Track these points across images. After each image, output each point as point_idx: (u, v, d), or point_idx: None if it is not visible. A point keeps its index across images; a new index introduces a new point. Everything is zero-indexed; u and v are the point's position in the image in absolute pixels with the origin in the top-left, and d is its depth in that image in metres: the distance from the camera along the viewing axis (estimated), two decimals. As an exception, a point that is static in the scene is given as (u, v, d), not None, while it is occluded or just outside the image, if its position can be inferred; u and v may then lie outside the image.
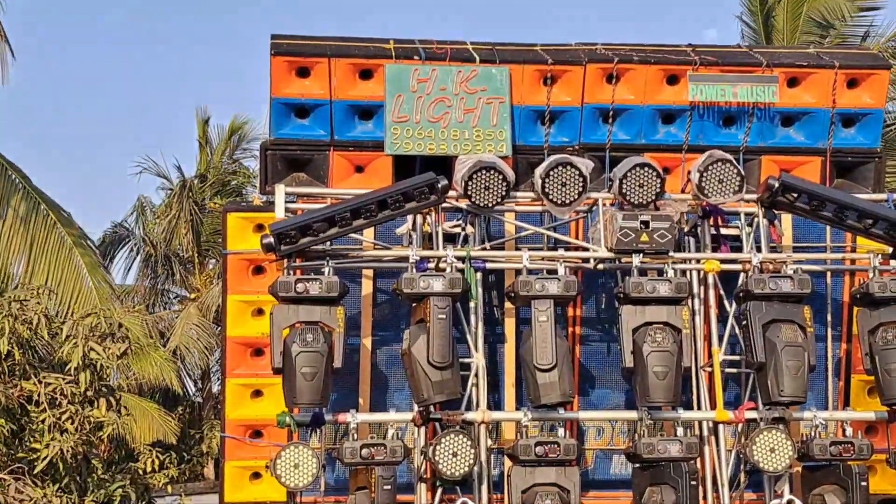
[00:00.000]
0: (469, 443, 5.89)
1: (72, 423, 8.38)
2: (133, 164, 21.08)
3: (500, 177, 6.18)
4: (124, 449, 9.56)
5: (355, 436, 5.98)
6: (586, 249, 6.53)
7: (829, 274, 6.82)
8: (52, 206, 11.73)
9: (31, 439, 8.66)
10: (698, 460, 6.23)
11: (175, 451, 14.72)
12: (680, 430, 6.16)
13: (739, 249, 6.55)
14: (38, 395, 8.64)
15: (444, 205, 6.36)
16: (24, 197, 11.20)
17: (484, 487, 6.10)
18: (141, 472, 9.89)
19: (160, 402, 15.59)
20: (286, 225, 5.95)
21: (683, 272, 6.39)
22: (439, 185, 6.09)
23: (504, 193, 6.22)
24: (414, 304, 6.18)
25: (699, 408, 6.41)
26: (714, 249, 6.59)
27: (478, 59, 6.66)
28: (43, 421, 8.56)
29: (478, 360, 6.21)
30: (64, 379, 8.70)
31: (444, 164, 6.51)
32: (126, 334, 9.50)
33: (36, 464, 8.49)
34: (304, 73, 6.49)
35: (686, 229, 6.62)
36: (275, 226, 5.95)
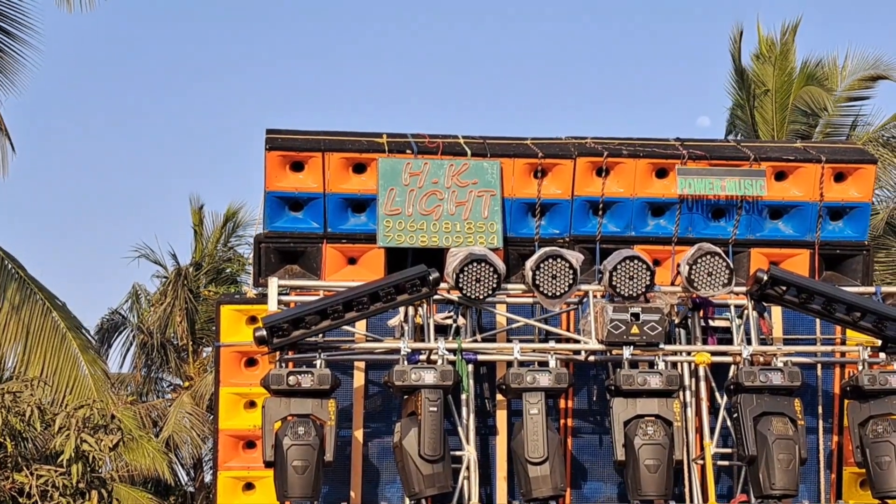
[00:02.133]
0: None
1: None
2: (130, 250, 20.91)
3: (491, 269, 6.12)
4: None
5: None
6: (577, 342, 6.47)
7: (819, 366, 6.74)
8: (46, 294, 11.71)
9: None
10: None
11: None
12: None
13: (730, 342, 6.48)
14: (30, 488, 8.50)
15: (436, 297, 6.29)
16: (20, 286, 11.10)
17: None
18: None
19: (153, 492, 15.20)
20: (278, 318, 5.90)
21: (674, 364, 6.33)
22: (430, 278, 6.03)
23: (495, 286, 6.16)
24: (405, 397, 6.06)
25: (691, 501, 6.25)
26: (704, 342, 6.51)
27: (469, 152, 6.64)
28: None
29: (469, 452, 6.09)
30: (56, 471, 8.64)
31: (435, 257, 6.45)
32: (119, 425, 9.40)
33: None
34: (298, 167, 6.49)
35: (676, 321, 6.57)
36: (267, 319, 5.89)
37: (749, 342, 6.34)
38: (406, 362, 6.00)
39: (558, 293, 6.16)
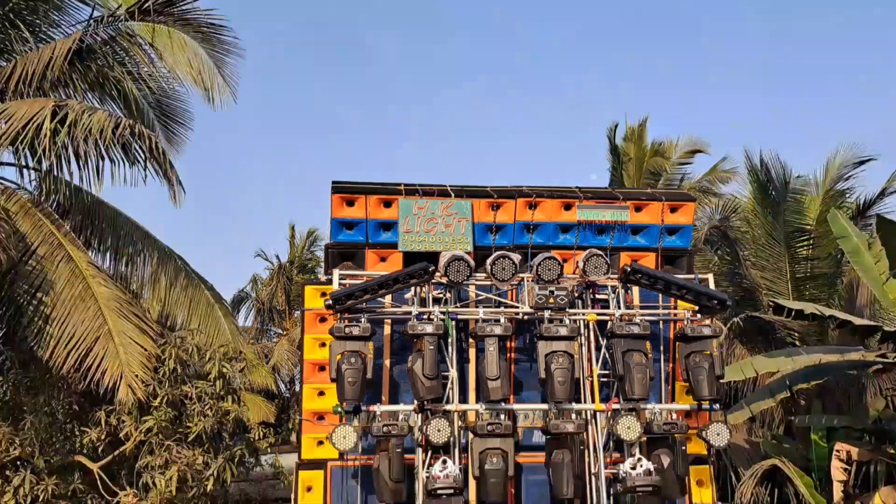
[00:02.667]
0: (447, 423, 6.86)
1: (211, 411, 9.76)
2: (252, 254, 28.37)
3: (466, 264, 7.22)
4: (242, 426, 10.90)
5: (379, 419, 6.93)
6: (517, 307, 7.51)
7: (661, 322, 7.85)
8: (201, 279, 12.88)
9: (187, 420, 9.87)
10: (585, 434, 7.24)
11: (273, 428, 16.06)
12: (574, 416, 7.18)
13: (608, 307, 7.61)
14: (191, 394, 9.95)
15: (433, 281, 7.30)
16: (186, 274, 12.42)
17: (456, 450, 7.01)
18: (252, 440, 10.86)
19: (264, 397, 18.02)
20: (339, 293, 7.02)
21: (575, 321, 7.41)
22: (430, 270, 7.13)
23: (468, 274, 7.21)
24: (415, 340, 7.10)
25: (585, 402, 7.35)
26: (592, 307, 7.65)
27: (453, 195, 7.81)
28: (193, 409, 9.87)
29: (452, 373, 7.19)
30: (206, 384, 10.03)
31: (433, 257, 7.48)
32: (244, 357, 10.87)
33: (189, 435, 9.76)
34: (350, 203, 7.66)
35: (576, 295, 7.64)
36: (333, 294, 7.04)
37: (619, 307, 7.57)
38: (415, 319, 7.10)
39: (506, 278, 7.33)
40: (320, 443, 7.42)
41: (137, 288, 12.28)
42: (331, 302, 7.01)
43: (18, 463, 10.08)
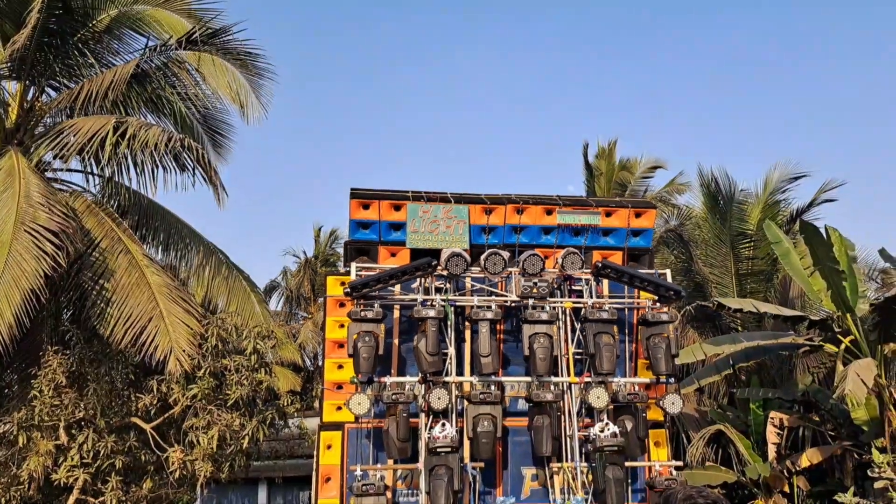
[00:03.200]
0: (446, 392, 7.00)
1: (246, 381, 9.77)
2: (283, 250, 30.33)
3: (463, 260, 7.33)
4: (273, 394, 10.86)
5: (389, 389, 7.03)
6: (506, 296, 7.61)
7: (626, 309, 7.96)
8: (239, 270, 12.93)
9: (226, 389, 9.88)
10: (562, 402, 7.38)
11: (299, 395, 16.50)
12: (552, 387, 7.29)
13: (581, 296, 7.74)
14: (230, 366, 9.92)
15: (435, 273, 7.41)
16: (227, 266, 12.47)
17: (454, 415, 7.14)
18: (281, 406, 10.85)
19: (292, 370, 18.10)
20: (356, 283, 7.19)
21: (554, 308, 7.53)
22: (433, 264, 7.26)
23: (465, 268, 7.33)
24: (419, 322, 7.21)
25: (562, 375, 7.48)
26: (569, 296, 7.77)
27: (452, 201, 7.87)
28: (232, 379, 9.82)
29: (451, 351, 7.31)
30: (243, 358, 10.01)
31: (436, 253, 7.59)
32: (275, 336, 10.83)
33: (228, 401, 9.78)
34: (366, 207, 7.73)
35: (555, 286, 7.74)
36: (350, 283, 7.20)
37: (591, 297, 7.72)
38: (420, 305, 7.22)
39: (497, 272, 7.48)
40: (339, 408, 7.47)
41: (185, 277, 12.29)
42: (349, 290, 7.14)
43: (83, 423, 10.17)
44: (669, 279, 8.09)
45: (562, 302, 7.66)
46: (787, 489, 13.41)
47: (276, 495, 18.52)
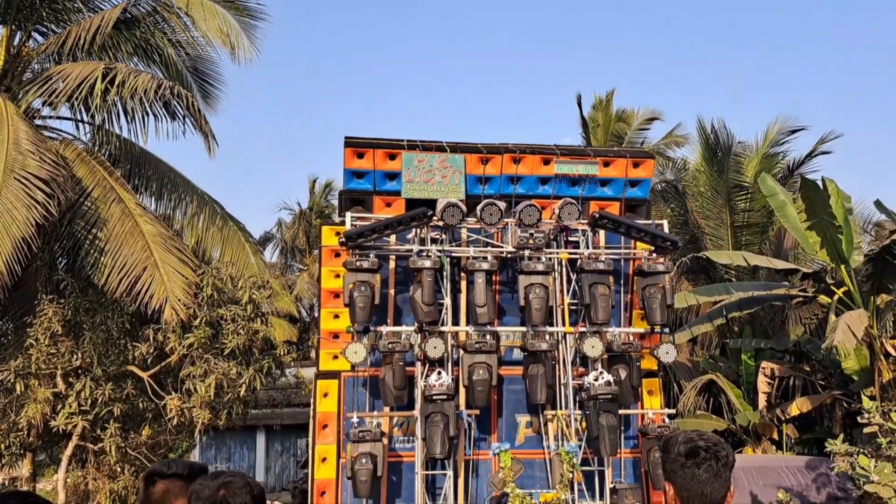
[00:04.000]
0: (442, 342, 6.95)
1: (243, 330, 9.77)
2: (278, 202, 29.63)
3: (459, 210, 7.22)
4: (269, 344, 10.98)
5: (385, 338, 6.97)
6: (502, 247, 7.55)
7: (622, 259, 7.88)
8: (235, 221, 12.83)
9: (222, 338, 9.95)
10: (556, 351, 7.34)
11: (295, 346, 16.47)
12: (547, 337, 7.27)
13: (578, 246, 7.67)
14: (226, 316, 9.99)
15: (431, 224, 7.29)
16: (221, 216, 12.39)
17: (449, 364, 7.06)
18: (278, 355, 10.92)
19: (288, 321, 18.22)
20: (351, 233, 7.04)
21: (550, 258, 7.40)
22: (429, 214, 7.12)
23: (461, 218, 7.21)
24: (415, 273, 7.13)
25: (557, 325, 7.44)
26: (565, 247, 7.67)
27: (448, 150, 7.69)
28: (228, 329, 9.91)
29: (446, 301, 7.22)
30: (239, 307, 10.10)
31: (431, 203, 7.47)
32: (271, 286, 10.91)
33: (225, 350, 9.86)
34: (361, 156, 7.54)
35: (552, 237, 7.67)
36: (346, 233, 7.09)
37: (588, 247, 7.61)
38: (416, 256, 7.13)
39: (493, 222, 7.29)
40: (335, 357, 7.46)
41: (179, 227, 12.25)
42: (344, 240, 7.08)
43: (80, 371, 10.24)
44: (666, 230, 7.99)
45: (558, 253, 7.62)
46: (776, 436, 13.62)
47: (274, 442, 18.86)
